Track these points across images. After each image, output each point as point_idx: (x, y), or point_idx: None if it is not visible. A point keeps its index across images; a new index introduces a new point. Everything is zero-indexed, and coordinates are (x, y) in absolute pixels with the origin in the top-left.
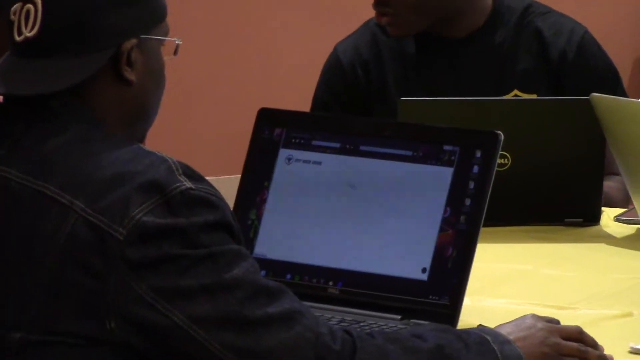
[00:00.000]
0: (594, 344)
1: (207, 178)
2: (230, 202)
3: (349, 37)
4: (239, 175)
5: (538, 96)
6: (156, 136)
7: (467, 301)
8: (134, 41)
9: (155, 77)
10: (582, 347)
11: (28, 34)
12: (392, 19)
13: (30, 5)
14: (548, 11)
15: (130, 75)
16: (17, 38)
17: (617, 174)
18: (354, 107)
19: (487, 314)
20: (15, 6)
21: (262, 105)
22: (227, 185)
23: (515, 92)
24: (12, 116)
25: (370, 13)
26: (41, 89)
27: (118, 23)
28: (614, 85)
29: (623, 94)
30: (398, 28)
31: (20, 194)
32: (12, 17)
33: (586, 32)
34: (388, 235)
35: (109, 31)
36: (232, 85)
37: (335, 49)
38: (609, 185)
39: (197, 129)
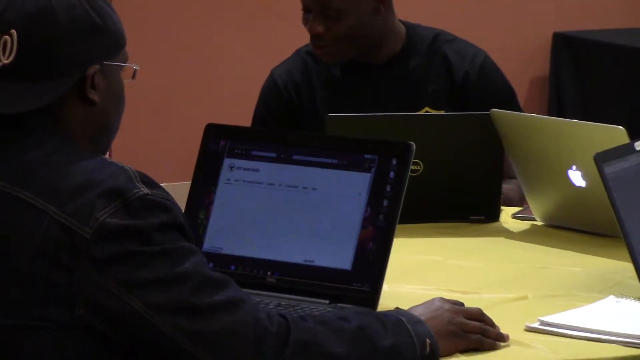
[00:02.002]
0: (492, 324)
1: (162, 184)
2: (183, 204)
3: (283, 63)
4: (190, 182)
5: (446, 112)
6: (121, 147)
7: (386, 287)
8: (97, 67)
9: (115, 98)
10: (483, 326)
11: (5, 61)
12: (327, 50)
13: (7, 37)
14: (454, 39)
15: (94, 96)
16: None
17: (514, 177)
18: (287, 122)
19: (402, 299)
20: None
21: (209, 121)
22: (180, 190)
23: (427, 108)
24: None
25: (301, 42)
26: (17, 108)
27: (83, 52)
28: (510, 102)
29: (518, 109)
30: (332, 56)
31: (1, 199)
32: None
33: (486, 56)
34: (317, 231)
35: (75, 59)
36: (184, 105)
37: (272, 72)
38: (507, 187)
39: (155, 141)
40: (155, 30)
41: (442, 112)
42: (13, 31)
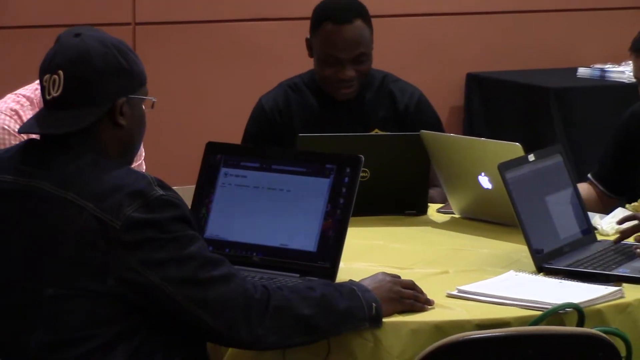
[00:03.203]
0: (422, 292)
1: (174, 187)
2: (189, 201)
3: (269, 92)
4: (194, 185)
5: (389, 133)
6: (147, 157)
7: (342, 265)
8: (124, 99)
9: (138, 123)
10: (415, 293)
11: (54, 94)
12: (353, 88)
13: (56, 76)
14: (397, 79)
15: (122, 121)
16: (47, 97)
17: (438, 185)
18: (271, 138)
19: (354, 273)
20: (45, 76)
21: (209, 140)
22: (188, 192)
23: (376, 130)
24: (45, 148)
25: (276, 78)
26: (62, 130)
27: (113, 88)
28: (437, 127)
29: (442, 131)
30: (355, 92)
31: (52, 199)
32: (43, 83)
33: (421, 94)
34: (290, 222)
35: (107, 93)
36: (191, 127)
37: (260, 100)
38: (433, 191)
39: (170, 154)
40: (168, 72)
41: (387, 133)
42: (60, 72)
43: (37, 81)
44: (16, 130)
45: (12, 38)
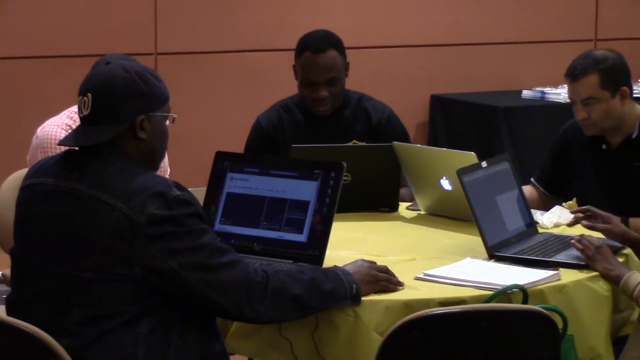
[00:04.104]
0: (394, 275)
1: (190, 188)
2: (202, 200)
3: (265, 112)
4: (206, 187)
5: (365, 144)
6: (172, 163)
7: (328, 253)
8: (143, 117)
9: (159, 136)
10: (388, 277)
11: (85, 113)
12: (327, 106)
13: (86, 98)
14: (370, 99)
15: (142, 135)
16: (80, 115)
17: (407, 185)
18: (267, 150)
19: (338, 260)
20: (79, 97)
21: (218, 149)
22: (201, 192)
23: (354, 141)
24: (81, 157)
25: (280, 97)
26: (91, 142)
27: (132, 107)
28: (405, 139)
29: (410, 142)
30: (329, 110)
31: (87, 198)
32: (78, 103)
33: (391, 111)
34: (285, 217)
35: (127, 111)
36: (205, 140)
37: (258, 118)
38: (403, 192)
39: (187, 162)
40: (186, 93)
41: (363, 144)
42: (89, 94)
43: None
44: None
45: (60, 65)
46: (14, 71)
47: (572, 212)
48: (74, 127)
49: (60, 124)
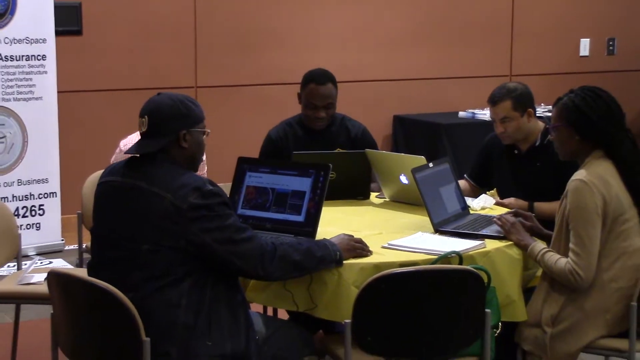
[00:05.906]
0: (366, 245)
1: (219, 183)
2: (228, 192)
3: (274, 127)
4: (231, 182)
5: (346, 151)
6: (210, 165)
7: (319, 229)
8: (184, 131)
9: (197, 146)
10: (362, 246)
11: (143, 130)
12: (324, 123)
13: (143, 119)
14: (350, 119)
15: (184, 144)
16: (140, 132)
17: (375, 181)
18: (276, 156)
19: (326, 234)
20: (139, 119)
21: (240, 155)
22: (228, 187)
23: (338, 149)
24: (141, 161)
25: (287, 116)
26: (145, 151)
27: (176, 125)
28: (375, 148)
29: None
30: (324, 126)
31: (145, 191)
32: (139, 123)
33: (365, 128)
34: (288, 204)
35: (172, 129)
36: (231, 148)
37: (269, 133)
38: (373, 185)
39: (218, 164)
40: (219, 117)
41: (345, 151)
42: (145, 117)
43: None
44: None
45: (120, 96)
46: (89, 100)
47: (505, 214)
48: None
49: (130, 139)
